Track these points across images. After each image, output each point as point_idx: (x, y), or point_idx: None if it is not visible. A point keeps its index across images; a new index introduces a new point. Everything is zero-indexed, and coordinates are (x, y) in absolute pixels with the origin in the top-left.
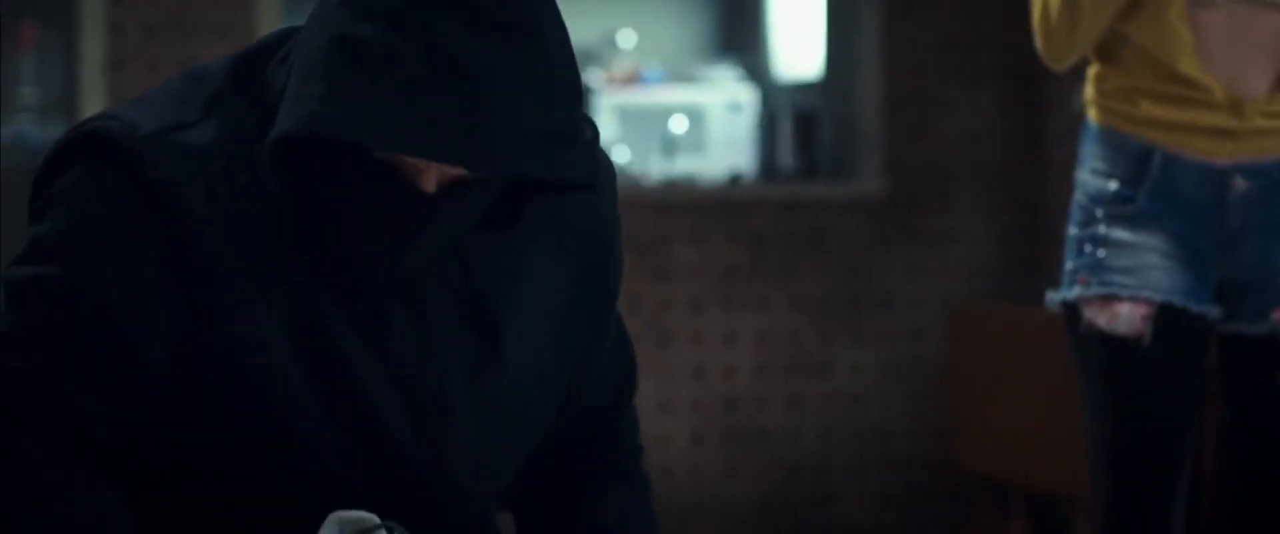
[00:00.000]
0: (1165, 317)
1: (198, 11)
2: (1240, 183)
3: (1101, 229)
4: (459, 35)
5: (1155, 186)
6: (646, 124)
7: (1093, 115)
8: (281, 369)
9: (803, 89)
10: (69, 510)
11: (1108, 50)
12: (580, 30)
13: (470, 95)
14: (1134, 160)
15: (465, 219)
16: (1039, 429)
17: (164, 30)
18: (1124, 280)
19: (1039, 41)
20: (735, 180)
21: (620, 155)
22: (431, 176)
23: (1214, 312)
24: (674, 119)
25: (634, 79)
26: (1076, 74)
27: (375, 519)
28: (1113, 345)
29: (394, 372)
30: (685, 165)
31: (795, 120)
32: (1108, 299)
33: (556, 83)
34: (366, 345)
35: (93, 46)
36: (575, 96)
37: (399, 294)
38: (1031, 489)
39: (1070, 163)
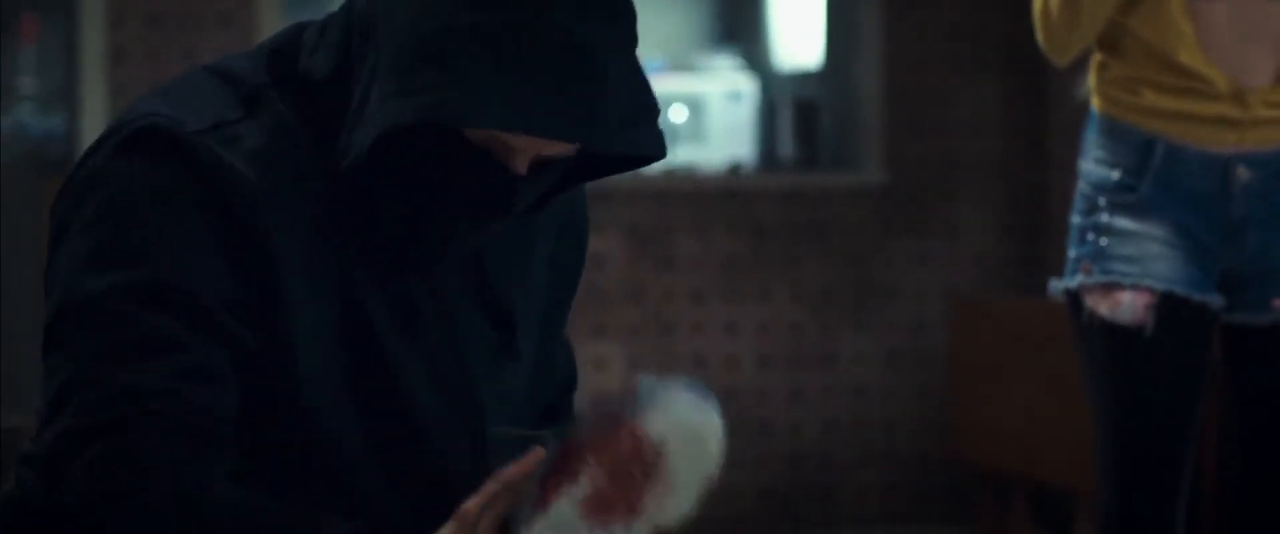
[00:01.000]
0: (1167, 305)
1: (199, 3)
2: (1243, 173)
3: (1104, 218)
4: (569, 13)
5: (1158, 176)
6: None
7: (1096, 104)
8: (329, 361)
9: (803, 79)
10: (217, 512)
11: (1110, 41)
12: None
13: (588, 73)
14: (1137, 150)
15: (536, 199)
16: (1042, 421)
17: (165, 21)
18: (1126, 269)
19: (1040, 35)
20: (735, 170)
21: None
22: (526, 158)
23: (1217, 301)
24: (673, 108)
25: None
26: (1080, 66)
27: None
28: (1115, 334)
29: (428, 364)
30: (685, 155)
31: (795, 110)
32: (1110, 287)
33: (639, 57)
34: (404, 337)
35: (94, 38)
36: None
37: (427, 285)
38: (1034, 480)
39: (1073, 154)
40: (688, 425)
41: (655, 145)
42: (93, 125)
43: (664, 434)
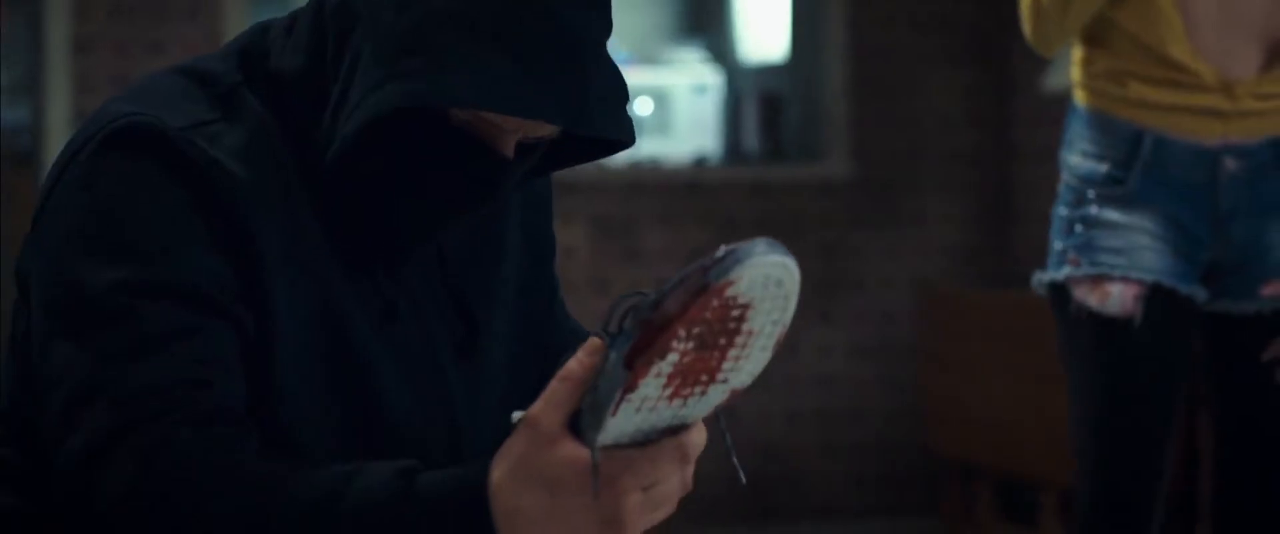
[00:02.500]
0: (1156, 297)
1: None
2: (1231, 163)
3: (1093, 210)
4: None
5: (1147, 168)
6: None
7: (1080, 98)
8: (306, 355)
9: (768, 71)
10: (258, 484)
11: (1095, 34)
12: None
13: (574, 57)
14: (1125, 142)
15: (521, 178)
16: (1009, 412)
17: (131, 12)
18: (1115, 260)
19: (1027, 27)
20: (701, 163)
21: None
22: (513, 141)
23: (1201, 294)
24: (639, 101)
25: None
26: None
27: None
28: (1103, 325)
29: (401, 359)
30: (651, 148)
31: (761, 102)
32: (1099, 279)
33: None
34: (379, 333)
35: (59, 28)
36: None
37: (399, 284)
38: (1001, 471)
39: (1040, 145)
40: (771, 278)
41: (629, 131)
42: (58, 117)
43: (748, 292)
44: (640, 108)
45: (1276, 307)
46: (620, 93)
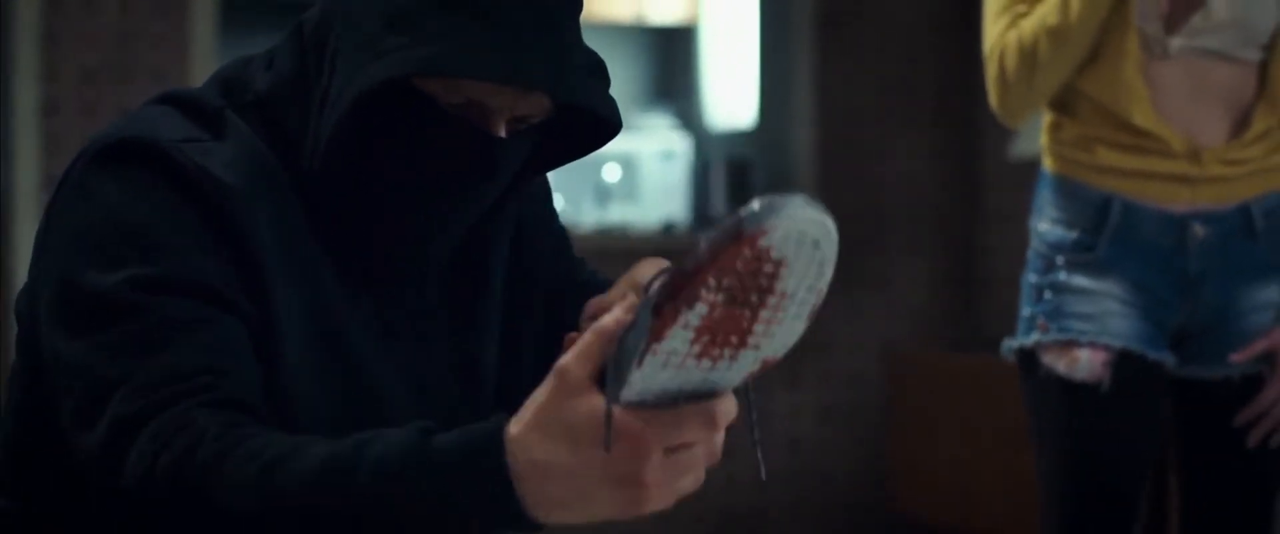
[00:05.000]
0: (1124, 363)
1: (133, 56)
2: (1199, 230)
3: (1062, 276)
4: None
5: (1115, 234)
6: (580, 173)
7: (1048, 164)
8: (305, 364)
9: (736, 137)
10: (277, 459)
11: (1063, 102)
12: None
13: (553, 28)
14: (1093, 208)
15: (517, 165)
16: (976, 473)
17: (99, 75)
18: (1083, 326)
19: (994, 99)
20: (669, 229)
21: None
22: (503, 119)
23: (1169, 359)
24: (607, 167)
25: None
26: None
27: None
28: (1072, 391)
29: (402, 370)
30: (619, 214)
31: (729, 168)
32: (1067, 345)
33: None
34: (378, 345)
35: (27, 90)
36: None
37: (398, 306)
38: (969, 532)
39: (1006, 207)
40: (807, 237)
41: (615, 110)
42: (26, 179)
43: (782, 248)
44: (609, 174)
45: (1246, 372)
46: (600, 70)
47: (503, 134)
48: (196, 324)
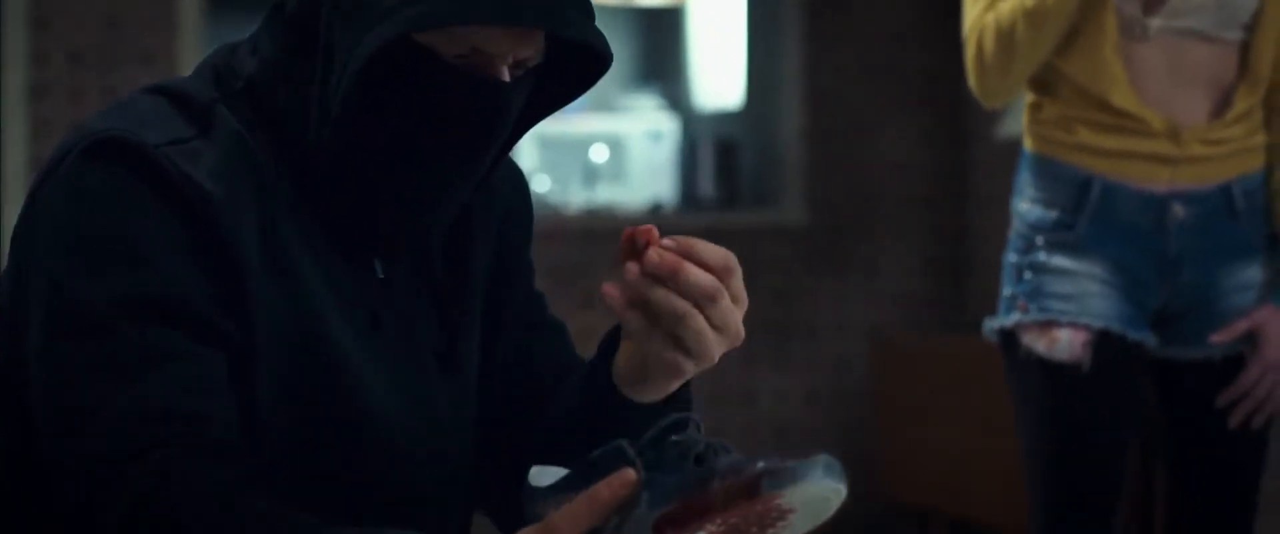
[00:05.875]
0: (1104, 343)
1: (121, 39)
2: (1179, 210)
3: (1042, 256)
4: None
5: (1095, 214)
6: (567, 153)
7: (1029, 144)
8: (286, 368)
9: (723, 118)
10: (241, 522)
11: (1043, 82)
12: None
13: None
14: (1073, 188)
15: (519, 110)
16: (963, 457)
17: (87, 59)
18: (1063, 307)
19: (973, 80)
20: (656, 209)
21: (541, 184)
22: (505, 64)
23: (1150, 339)
24: (594, 148)
25: None
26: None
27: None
28: (1051, 371)
29: (387, 369)
30: (606, 195)
31: (716, 149)
32: (1047, 325)
33: None
34: (361, 342)
35: (15, 74)
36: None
37: (386, 291)
38: (956, 516)
39: (993, 191)
40: (820, 497)
41: (606, 43)
42: (14, 163)
43: (794, 503)
44: (596, 155)
45: (1227, 353)
46: (587, 5)
47: (508, 78)
48: (175, 358)
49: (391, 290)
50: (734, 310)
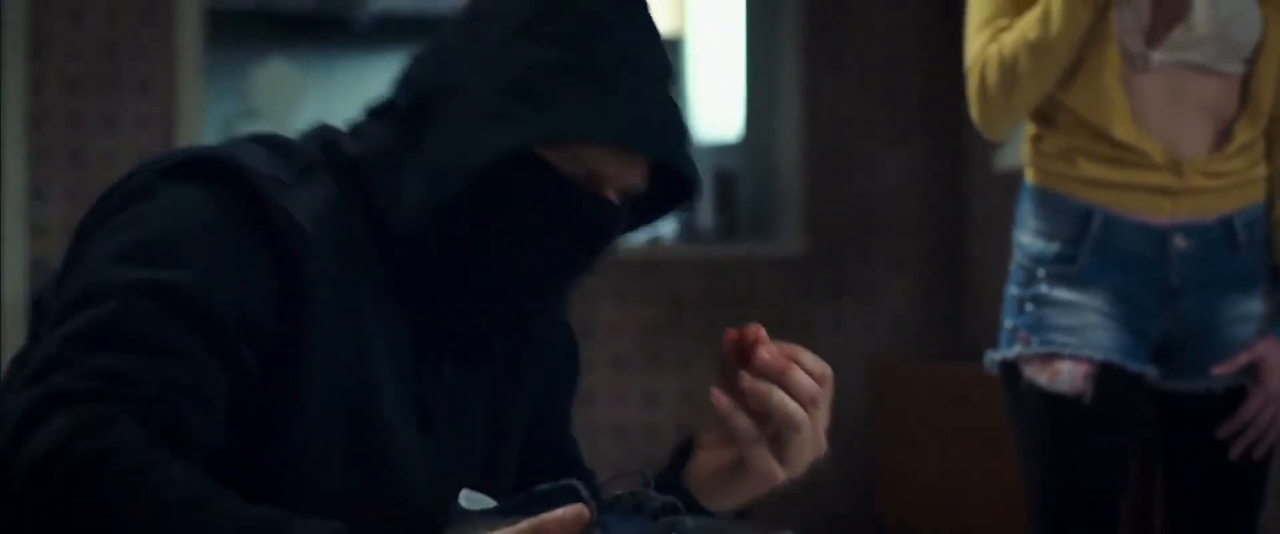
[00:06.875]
0: (1105, 375)
1: (119, 67)
2: (1180, 241)
3: (1043, 288)
4: (634, 41)
5: (1097, 245)
6: None
7: (1030, 177)
8: (330, 427)
9: (722, 149)
10: (176, 496)
11: (1044, 114)
12: None
13: (666, 95)
14: (1074, 220)
15: (621, 231)
16: (960, 482)
17: (85, 86)
18: (1065, 339)
19: (975, 112)
20: (655, 241)
21: None
22: (615, 189)
23: (1151, 371)
24: None
25: None
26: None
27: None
28: (1053, 403)
29: (436, 463)
30: None
31: (715, 180)
32: (1049, 357)
33: None
34: (411, 425)
35: (14, 101)
36: None
37: (446, 392)
38: None
39: (991, 219)
40: None
41: (697, 175)
42: (13, 188)
43: None
44: None
45: (1228, 385)
46: (688, 132)
47: (617, 200)
48: (175, 353)
49: (453, 394)
50: (824, 421)
